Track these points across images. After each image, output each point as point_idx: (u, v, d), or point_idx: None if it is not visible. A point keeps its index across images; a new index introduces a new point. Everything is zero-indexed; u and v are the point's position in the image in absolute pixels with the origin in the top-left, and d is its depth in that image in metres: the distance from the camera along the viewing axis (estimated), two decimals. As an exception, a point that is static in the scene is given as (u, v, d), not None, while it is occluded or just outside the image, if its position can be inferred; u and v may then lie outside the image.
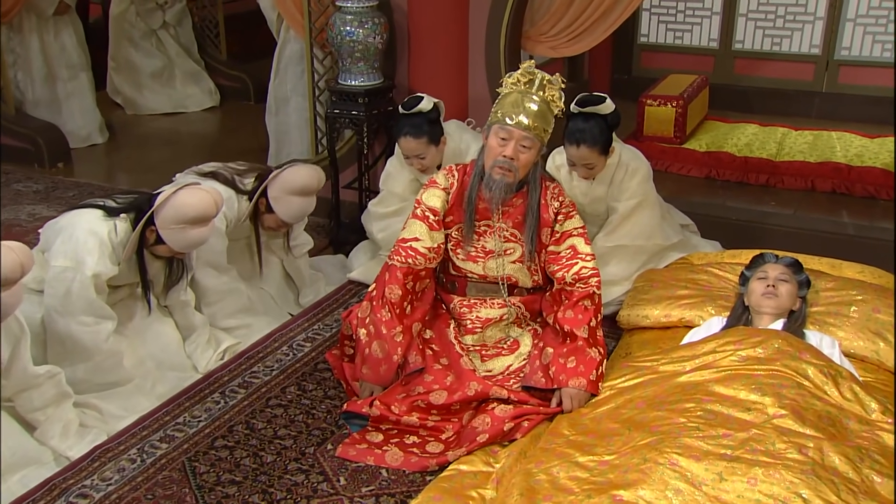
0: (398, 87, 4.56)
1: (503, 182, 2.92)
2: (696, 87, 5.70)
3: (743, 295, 3.19)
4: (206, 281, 3.49)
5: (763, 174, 4.99)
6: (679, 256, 3.78)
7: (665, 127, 5.38)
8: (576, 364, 2.86)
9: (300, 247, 3.97)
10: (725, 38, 6.79)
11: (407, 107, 3.76)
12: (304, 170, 3.61)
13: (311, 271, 4.07)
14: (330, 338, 3.55)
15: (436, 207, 3.05)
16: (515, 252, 3.09)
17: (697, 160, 5.20)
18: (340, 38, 4.32)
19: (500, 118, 2.90)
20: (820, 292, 3.27)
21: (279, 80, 5.47)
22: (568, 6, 4.42)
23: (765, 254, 3.27)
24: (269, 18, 5.44)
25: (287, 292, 3.97)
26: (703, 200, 4.69)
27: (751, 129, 5.75)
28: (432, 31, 4.44)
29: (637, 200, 3.62)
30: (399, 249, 3.01)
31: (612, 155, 3.54)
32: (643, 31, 7.07)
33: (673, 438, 2.39)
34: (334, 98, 4.54)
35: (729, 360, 2.73)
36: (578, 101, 3.45)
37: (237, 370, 3.31)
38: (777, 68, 6.65)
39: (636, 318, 3.39)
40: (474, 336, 3.11)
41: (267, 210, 3.59)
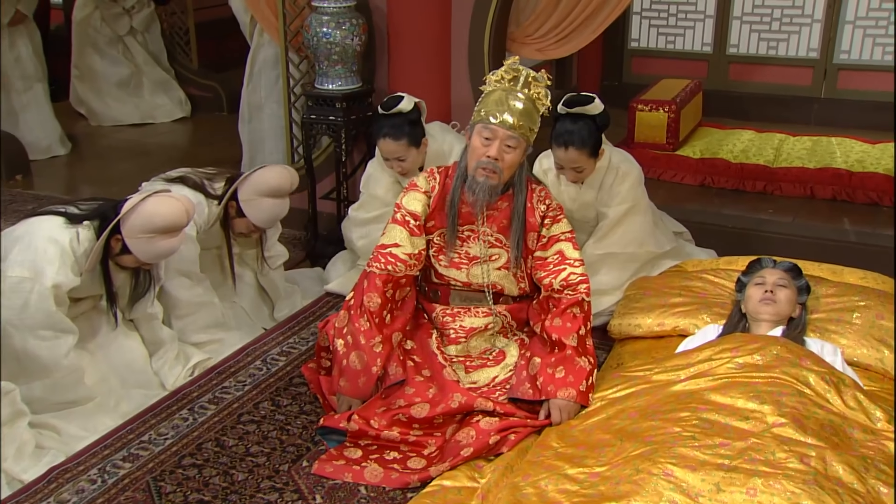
0: (377, 91, 4.57)
1: (487, 184, 2.93)
2: (689, 92, 5.74)
3: (740, 302, 3.20)
4: (177, 292, 3.47)
5: (760, 181, 5.02)
6: (672, 264, 3.79)
7: (657, 133, 5.41)
8: (564, 374, 2.85)
9: (275, 258, 3.96)
10: (719, 42, 6.85)
11: (386, 107, 3.77)
12: (275, 170, 3.62)
13: (286, 284, 4.07)
14: (306, 351, 3.54)
15: (416, 212, 3.05)
16: (501, 258, 3.09)
17: (691, 167, 5.23)
18: (317, 39, 4.34)
19: (483, 117, 2.91)
20: (820, 298, 3.29)
21: (252, 86, 5.47)
22: (555, 6, 4.46)
23: (762, 259, 3.29)
24: (241, 21, 5.45)
25: (261, 306, 3.96)
26: (697, 208, 4.71)
27: (747, 136, 5.79)
28: (413, 33, 4.46)
29: (628, 205, 3.64)
30: (378, 256, 3.00)
31: (601, 158, 3.55)
32: (634, 35, 7.13)
33: (667, 448, 2.38)
34: (310, 103, 4.55)
35: (726, 367, 2.73)
36: (566, 101, 3.47)
37: (207, 385, 3.29)
38: (773, 73, 6.70)
39: (628, 328, 3.39)
40: (458, 346, 3.10)
41: (237, 214, 3.58)
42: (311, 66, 4.89)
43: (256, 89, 5.47)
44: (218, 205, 3.56)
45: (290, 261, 4.46)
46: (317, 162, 4.90)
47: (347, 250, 4.30)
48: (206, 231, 3.58)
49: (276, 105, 5.39)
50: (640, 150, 5.14)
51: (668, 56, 7.00)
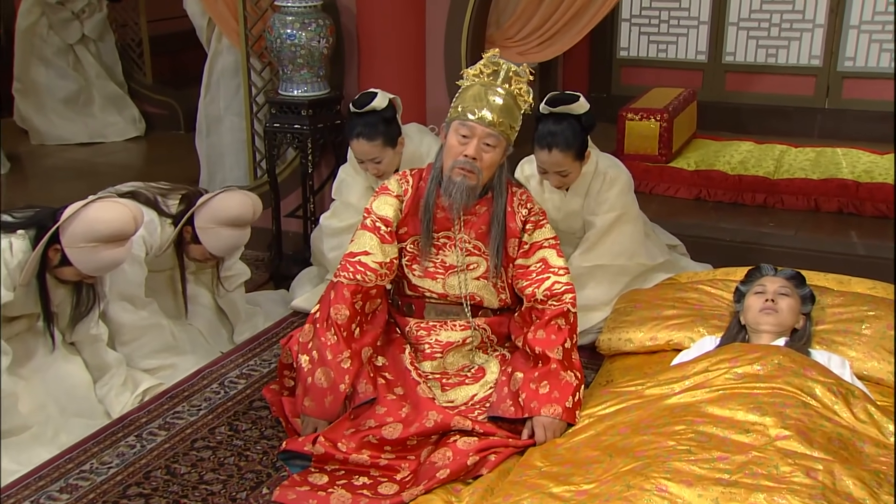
0: (347, 97, 4.57)
1: (464, 185, 2.94)
2: (683, 101, 5.81)
3: (739, 313, 3.21)
4: (120, 317, 3.44)
5: (760, 193, 5.06)
6: (666, 277, 3.80)
7: (648, 143, 5.46)
8: (549, 390, 2.84)
9: (235, 278, 3.95)
10: (715, 50, 6.94)
11: (358, 105, 3.77)
12: (237, 198, 3.59)
13: (247, 306, 4.05)
14: (268, 374, 3.52)
15: (388, 217, 3.05)
16: (479, 267, 3.10)
17: (685, 179, 5.27)
18: (280, 42, 4.36)
19: (460, 113, 2.93)
20: (826, 308, 3.31)
21: (210, 96, 5.48)
22: (538, 6, 4.51)
23: (762, 266, 3.30)
24: (197, 26, 5.46)
25: (219, 329, 3.94)
26: (692, 222, 4.74)
27: (745, 147, 5.85)
28: (384, 35, 4.50)
29: (617, 213, 3.65)
30: (346, 265, 2.99)
31: (587, 161, 3.58)
32: (623, 44, 7.21)
33: (661, 463, 2.37)
34: (274, 111, 4.57)
35: (724, 378, 2.73)
36: (549, 100, 3.50)
37: (157, 411, 3.26)
38: (773, 83, 6.78)
39: (618, 343, 3.40)
40: (433, 362, 3.09)
41: (192, 240, 3.57)
42: (274, 73, 4.91)
43: (215, 100, 5.48)
44: (172, 224, 3.54)
45: (253, 283, 4.45)
46: (281, 176, 4.91)
47: (315, 266, 4.29)
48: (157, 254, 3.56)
49: (236, 117, 5.39)
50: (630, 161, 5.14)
51: (659, 65, 7.08)
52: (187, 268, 3.78)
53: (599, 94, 7.12)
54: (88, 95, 7.19)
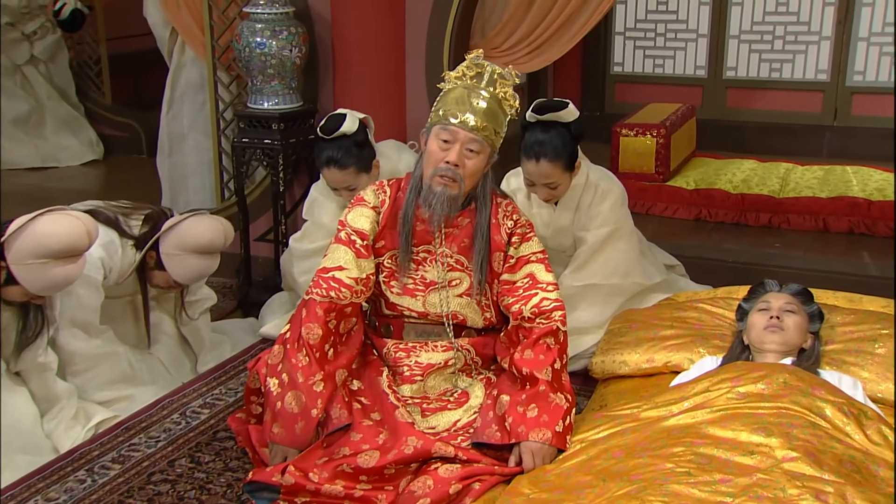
0: (321, 111, 4.61)
1: (445, 194, 2.95)
2: (681, 116, 5.87)
3: (742, 332, 3.23)
4: (72, 344, 3.42)
5: (764, 213, 5.12)
6: (663, 298, 3.82)
7: (644, 161, 5.51)
8: (538, 413, 2.85)
9: (199, 303, 3.95)
10: (715, 64, 7.03)
11: (327, 130, 3.78)
12: (207, 223, 3.58)
13: (213, 334, 4.04)
14: (234, 403, 3.51)
15: (364, 230, 3.07)
16: (462, 283, 3.11)
17: (685, 199, 5.32)
18: (249, 51, 4.39)
19: (441, 117, 2.95)
20: (836, 327, 3.33)
21: (173, 113, 5.51)
22: (525, 13, 4.55)
23: (766, 282, 3.33)
24: (159, 37, 5.49)
25: (182, 358, 3.93)
26: (692, 243, 4.77)
27: (748, 165, 5.92)
28: (361, 45, 4.53)
29: (609, 229, 3.68)
30: (319, 281, 3.00)
31: (577, 173, 3.61)
32: (617, 58, 7.31)
33: (658, 486, 2.38)
34: (242, 125, 4.59)
35: (725, 398, 2.75)
36: (536, 107, 3.53)
37: (111, 443, 3.24)
38: (778, 99, 6.86)
39: (612, 366, 3.41)
40: (413, 386, 3.09)
41: (156, 266, 3.56)
42: (243, 87, 4.95)
43: (178, 117, 5.50)
44: (133, 246, 3.54)
45: (220, 311, 4.45)
46: (251, 197, 4.93)
47: (287, 291, 4.29)
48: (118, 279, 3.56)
49: (201, 135, 5.42)
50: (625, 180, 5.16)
51: (656, 82, 7.17)
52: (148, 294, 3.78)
53: (592, 112, 7.20)
54: (40, 117, 7.21)
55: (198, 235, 3.51)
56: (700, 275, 4.25)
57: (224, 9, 4.87)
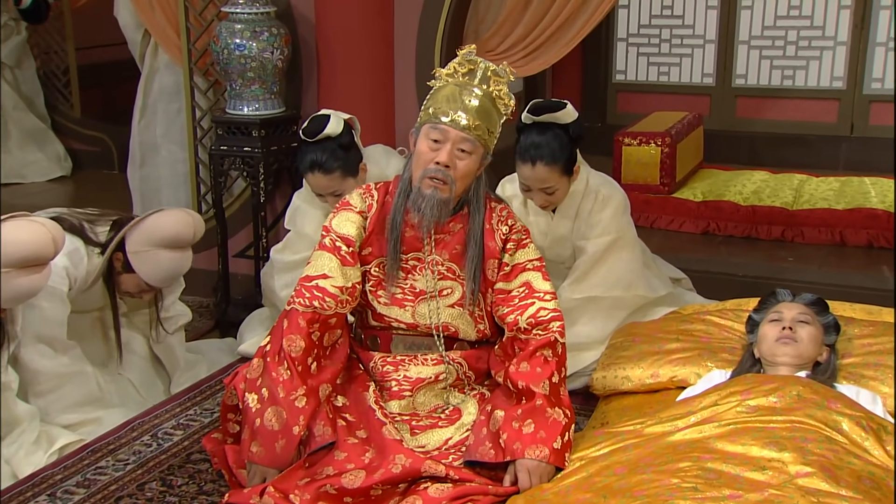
0: (304, 117, 4.58)
1: (436, 197, 2.97)
2: (688, 125, 5.91)
3: (752, 344, 3.24)
4: (36, 362, 3.41)
5: (777, 226, 5.14)
6: (668, 312, 3.84)
7: (648, 172, 5.54)
8: (534, 429, 2.85)
9: (174, 320, 3.95)
10: (723, 72, 7.07)
11: (310, 133, 3.80)
12: (174, 215, 3.61)
13: (188, 354, 4.05)
14: (210, 424, 3.51)
15: (350, 236, 3.08)
16: (454, 293, 3.12)
17: (691, 212, 5.35)
18: (228, 53, 4.41)
19: (431, 115, 2.97)
20: (853, 340, 3.35)
21: (146, 121, 5.51)
22: (521, 14, 4.57)
23: (778, 291, 3.35)
24: (130, 41, 5.50)
25: (154, 380, 3.93)
26: (700, 257, 4.79)
27: (759, 176, 5.95)
28: (347, 48, 4.56)
29: (611, 237, 3.71)
30: (302, 290, 3.00)
31: (576, 177, 3.63)
32: (619, 66, 7.34)
33: (662, 502, 2.39)
34: (220, 131, 4.59)
35: (735, 411, 2.76)
36: (532, 108, 3.56)
37: (76, 467, 3.23)
38: (790, 109, 6.89)
39: (614, 381, 3.42)
40: (401, 402, 3.09)
41: (124, 269, 3.57)
42: (221, 93, 4.96)
43: (150, 126, 5.51)
44: (100, 254, 3.54)
45: (196, 331, 4.46)
46: (230, 210, 4.93)
47: (267, 307, 4.29)
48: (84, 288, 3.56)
49: (175, 145, 5.42)
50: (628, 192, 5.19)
51: (660, 91, 7.20)
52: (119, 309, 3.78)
53: (593, 123, 7.22)
54: (4, 129, 7.16)
55: (165, 227, 3.52)
56: (708, 289, 4.26)
57: (201, 10, 4.87)
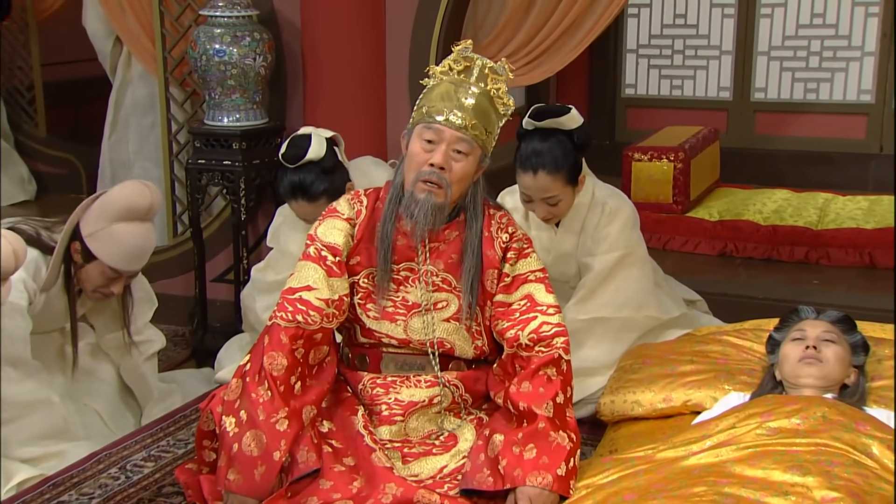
0: (289, 129, 4.62)
1: (430, 201, 2.97)
2: (702, 140, 5.93)
3: (773, 365, 3.24)
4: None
5: (800, 247, 5.16)
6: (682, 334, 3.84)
7: (661, 189, 5.55)
8: (536, 454, 2.84)
9: (146, 345, 3.96)
10: (741, 85, 7.10)
11: (290, 158, 3.82)
12: (126, 185, 3.62)
13: (161, 384, 4.04)
14: (184, 455, 3.51)
15: (336, 245, 3.08)
16: (449, 306, 3.12)
17: (707, 232, 5.37)
18: (206, 59, 4.43)
19: (425, 114, 2.98)
20: (883, 361, 3.36)
21: (117, 136, 5.55)
22: (523, 17, 4.60)
23: (801, 308, 3.35)
24: (100, 51, 5.54)
25: (123, 411, 3.93)
26: (717, 279, 4.79)
27: (780, 195, 5.98)
28: (336, 54, 4.59)
29: (619, 253, 3.72)
30: (284, 303, 2.99)
31: (581, 188, 3.64)
32: (629, 80, 7.38)
33: (676, 526, 2.38)
34: (198, 144, 4.60)
35: (754, 434, 2.76)
36: (533, 113, 3.59)
37: (35, 501, 3.22)
38: (814, 124, 6.91)
39: (623, 406, 3.42)
40: (392, 427, 3.08)
41: (84, 258, 3.55)
42: (199, 104, 4.98)
43: (122, 141, 5.55)
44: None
45: (171, 361, 4.46)
46: (208, 231, 4.94)
47: (248, 332, 4.29)
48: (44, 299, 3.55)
49: (149, 162, 5.46)
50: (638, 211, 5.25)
51: (673, 105, 7.24)
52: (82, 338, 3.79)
53: (601, 140, 7.23)
54: (-38, 150, 7.20)
55: (118, 198, 3.52)
56: (726, 313, 4.26)
57: (177, 15, 4.92)
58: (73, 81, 7.57)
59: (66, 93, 7.78)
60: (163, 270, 4.96)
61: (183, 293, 4.98)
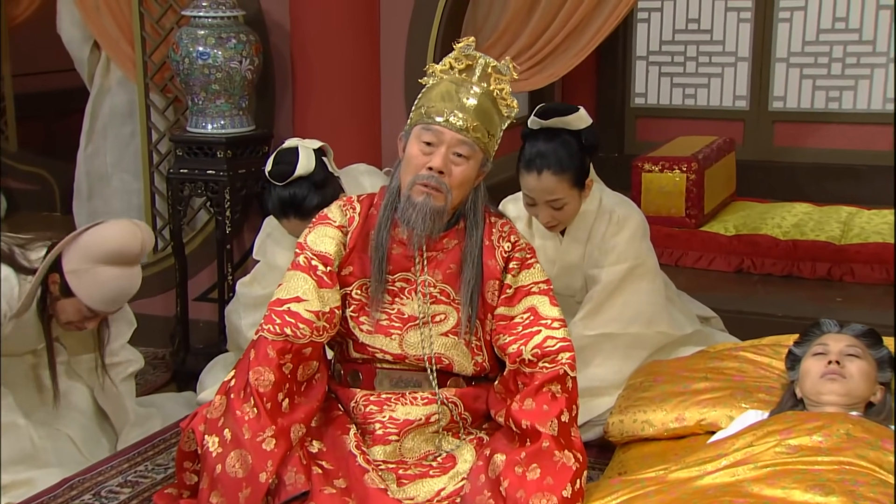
0: (277, 137, 4.65)
1: (428, 205, 2.98)
2: (717, 150, 5.94)
3: (794, 382, 3.25)
4: None
5: (822, 263, 5.17)
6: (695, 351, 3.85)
7: (672, 202, 5.56)
8: (540, 475, 2.83)
9: (122, 366, 3.96)
10: (758, 94, 7.11)
11: (278, 175, 3.82)
12: (117, 226, 3.61)
13: (139, 408, 4.03)
14: (163, 481, 3.51)
15: (327, 253, 3.08)
16: (448, 319, 3.12)
17: (722, 247, 5.38)
18: (189, 62, 4.44)
19: (423, 115, 3.00)
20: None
21: (94, 147, 5.53)
22: (526, 18, 4.61)
23: (823, 321, 3.36)
24: (77, 58, 5.54)
25: (98, 436, 3.91)
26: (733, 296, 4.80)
27: (801, 208, 5.99)
28: (327, 58, 4.61)
29: (628, 265, 3.73)
30: (272, 315, 2.99)
31: (588, 193, 3.65)
32: (639, 88, 7.39)
33: (689, 549, 2.38)
34: (180, 152, 4.61)
35: (773, 452, 2.76)
36: (539, 111, 3.60)
37: (-1, 528, 3.23)
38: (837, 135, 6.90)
39: (633, 426, 3.42)
40: (387, 448, 3.08)
41: (62, 293, 3.55)
42: (182, 111, 4.99)
43: (100, 152, 5.53)
44: None
45: (150, 385, 4.45)
46: (190, 247, 4.94)
47: (232, 352, 4.29)
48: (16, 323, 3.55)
49: (128, 174, 5.45)
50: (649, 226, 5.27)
51: (686, 116, 7.24)
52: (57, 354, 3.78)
53: (609, 153, 7.25)
54: (-76, 165, 7.21)
55: (107, 240, 3.52)
56: (742, 331, 4.25)
57: (159, 17, 4.94)
58: (46, 93, 7.59)
59: (38, 105, 7.79)
60: (142, 289, 4.87)
61: (163, 313, 4.98)
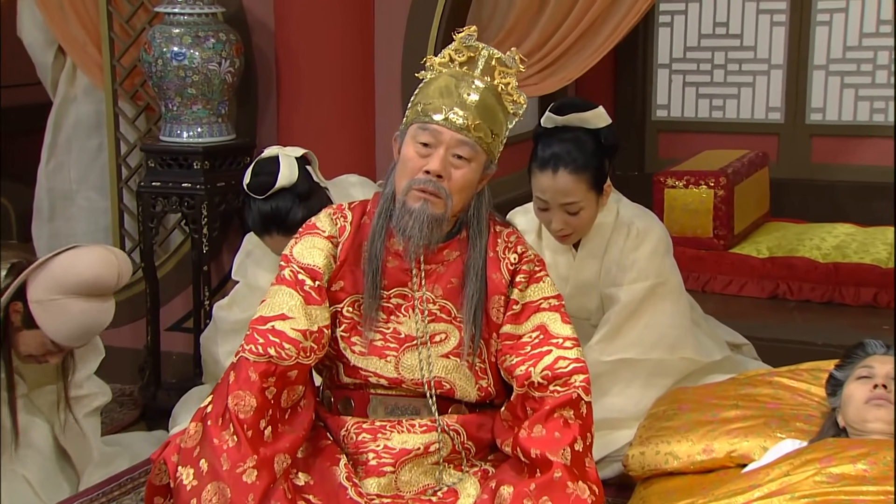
0: (260, 147, 4.63)
1: (426, 212, 2.98)
2: (748, 164, 5.95)
3: (835, 410, 3.25)
4: None
5: (867, 288, 5.17)
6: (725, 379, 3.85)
7: (699, 221, 5.56)
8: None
9: (87, 400, 3.96)
10: (794, 106, 7.11)
11: (258, 188, 3.85)
12: (91, 253, 3.62)
13: (105, 447, 4.04)
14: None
15: (316, 267, 3.09)
16: (449, 339, 3.12)
17: (755, 271, 5.38)
18: (163, 63, 4.45)
19: (420, 113, 3.01)
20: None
21: (56, 163, 5.53)
22: (535, 16, 4.63)
23: (867, 342, 3.37)
24: (39, 64, 5.55)
25: (58, 478, 3.91)
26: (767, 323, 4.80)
27: (842, 229, 5.99)
28: (315, 60, 4.63)
29: (649, 283, 3.74)
30: (254, 335, 2.99)
31: (606, 200, 3.67)
32: (661, 100, 7.39)
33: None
34: (152, 163, 4.61)
35: (812, 481, 2.77)
36: (555, 107, 3.62)
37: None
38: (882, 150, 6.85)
39: (655, 459, 3.42)
40: (381, 480, 3.06)
41: (24, 324, 3.58)
42: (154, 120, 5.00)
43: (63, 168, 5.53)
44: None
45: (117, 423, 4.45)
46: (163, 270, 4.93)
47: (208, 383, 4.28)
48: None
49: (94, 192, 5.45)
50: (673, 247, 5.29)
51: (713, 130, 7.23)
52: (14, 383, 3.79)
53: (628, 171, 7.26)
54: None
55: (79, 269, 3.53)
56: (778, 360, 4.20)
57: (129, 16, 4.96)
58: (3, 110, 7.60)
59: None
60: (108, 319, 4.96)
61: (132, 345, 4.98)
